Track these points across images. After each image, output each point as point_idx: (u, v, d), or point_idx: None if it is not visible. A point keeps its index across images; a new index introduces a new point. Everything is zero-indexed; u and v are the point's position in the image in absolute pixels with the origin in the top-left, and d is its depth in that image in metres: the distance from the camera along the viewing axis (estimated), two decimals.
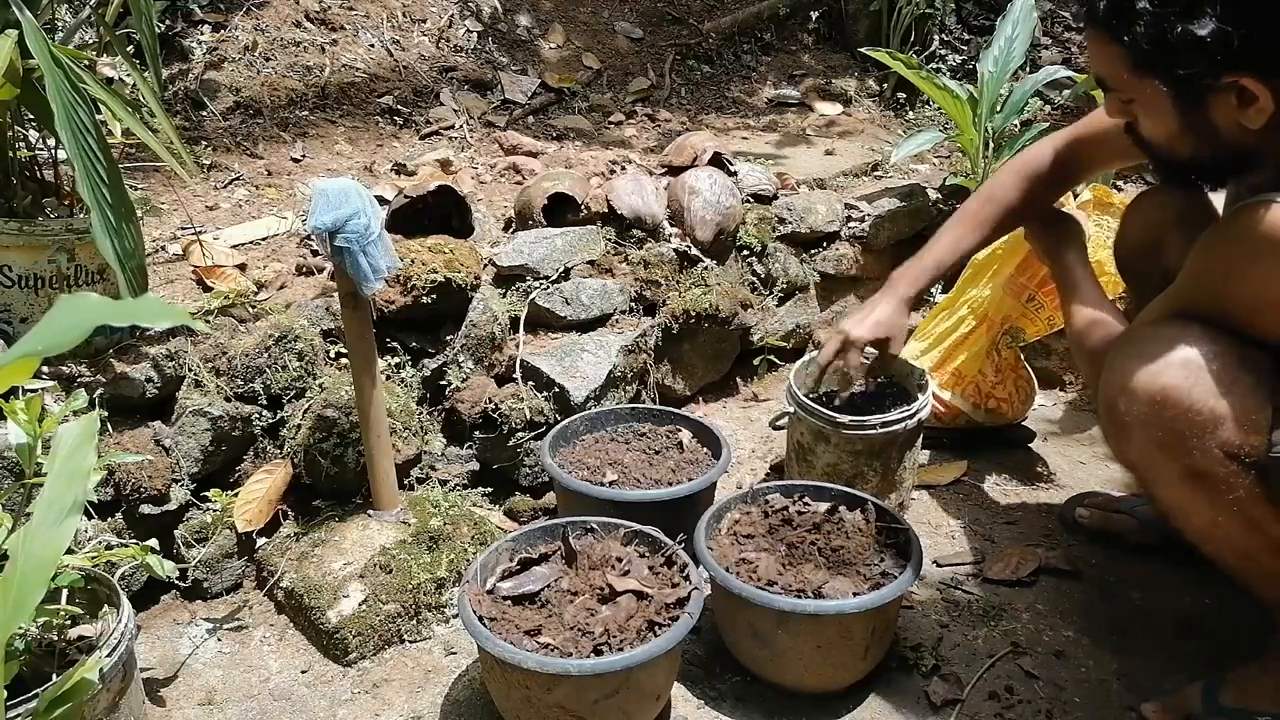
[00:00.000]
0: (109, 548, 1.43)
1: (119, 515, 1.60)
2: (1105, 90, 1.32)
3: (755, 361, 2.45)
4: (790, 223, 2.43)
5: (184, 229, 2.05)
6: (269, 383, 1.74)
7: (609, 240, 2.16)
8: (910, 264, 1.79)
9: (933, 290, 2.59)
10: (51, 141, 1.57)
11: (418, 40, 3.07)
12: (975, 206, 1.77)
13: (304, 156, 2.52)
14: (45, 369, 1.50)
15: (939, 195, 2.64)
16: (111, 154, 1.42)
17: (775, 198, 2.44)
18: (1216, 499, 1.23)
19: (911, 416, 1.82)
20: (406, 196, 1.93)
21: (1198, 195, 1.57)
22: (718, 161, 2.32)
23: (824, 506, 1.65)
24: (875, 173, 2.79)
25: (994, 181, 1.77)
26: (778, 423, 1.91)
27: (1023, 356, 2.17)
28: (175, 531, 1.66)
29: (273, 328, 1.75)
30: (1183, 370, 1.21)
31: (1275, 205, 1.16)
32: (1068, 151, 1.71)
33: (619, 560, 1.50)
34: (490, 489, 1.94)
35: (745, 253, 2.35)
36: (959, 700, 1.50)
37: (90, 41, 2.18)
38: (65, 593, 1.29)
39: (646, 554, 1.53)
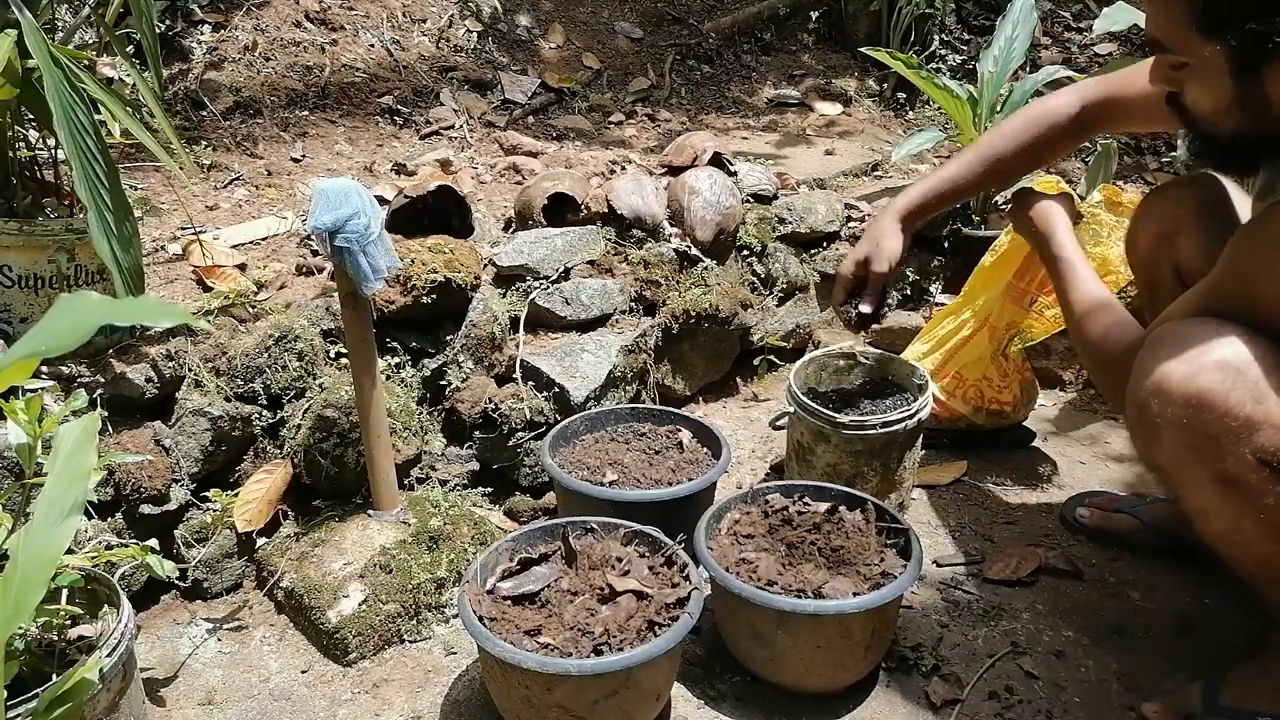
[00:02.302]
0: (109, 548, 1.43)
1: (119, 515, 1.59)
2: (1157, 53, 1.27)
3: (755, 361, 2.45)
4: (790, 223, 2.43)
5: (184, 229, 2.05)
6: (269, 383, 1.74)
7: (609, 240, 2.16)
8: (910, 187, 1.79)
9: (934, 291, 2.60)
10: (51, 141, 1.57)
11: (418, 40, 3.07)
12: (986, 141, 1.75)
13: (304, 156, 2.52)
14: (45, 369, 1.50)
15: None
16: (110, 154, 1.42)
17: (775, 198, 2.44)
18: (1244, 506, 1.20)
19: (911, 416, 1.82)
20: (406, 196, 1.93)
21: (1213, 192, 1.55)
22: (718, 161, 2.32)
23: (824, 506, 1.65)
24: (875, 173, 2.79)
25: (1011, 121, 1.74)
26: (778, 423, 1.91)
27: (1027, 359, 2.17)
28: (175, 531, 1.66)
29: (273, 328, 1.75)
30: (1220, 373, 1.17)
31: None
32: (1096, 109, 1.67)
33: (619, 560, 1.50)
34: (490, 489, 1.94)
35: (745, 253, 2.35)
36: (959, 700, 1.49)
37: (90, 41, 2.18)
38: (65, 593, 1.28)
39: (646, 554, 1.53)
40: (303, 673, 1.57)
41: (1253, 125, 1.22)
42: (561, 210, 2.15)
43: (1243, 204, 1.51)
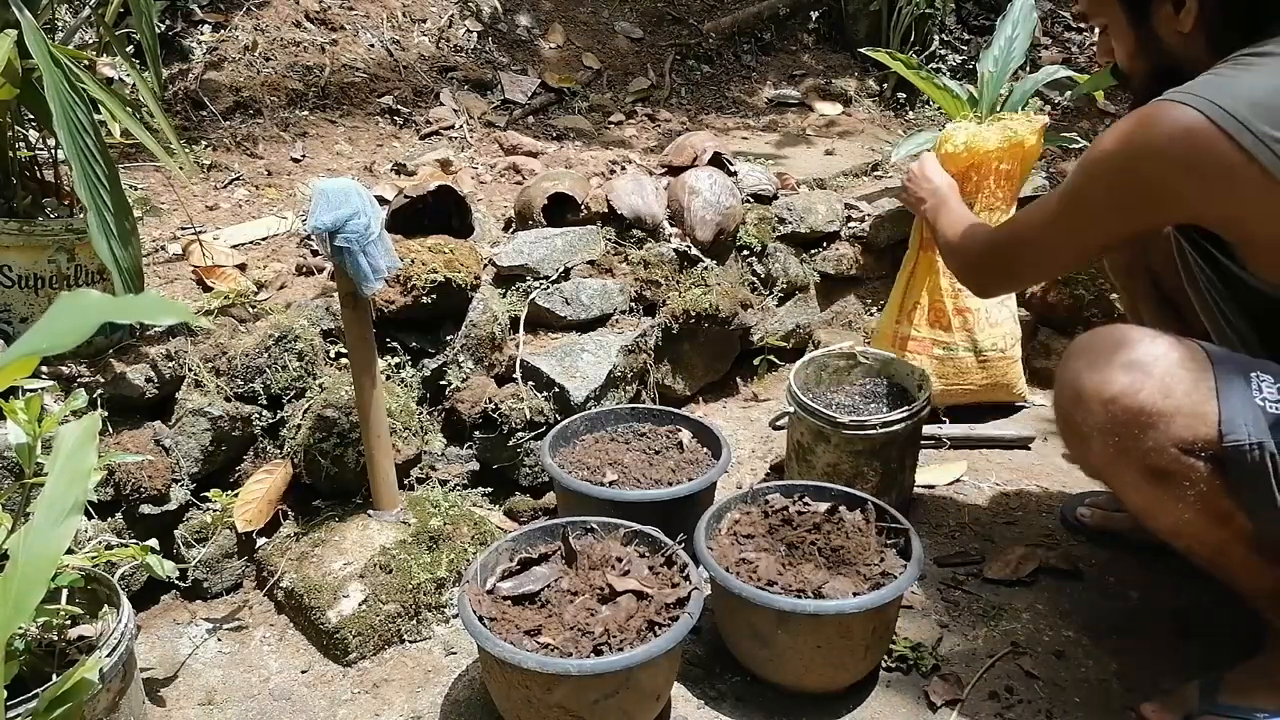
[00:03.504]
0: (109, 548, 1.43)
1: (119, 515, 1.59)
2: (1088, 23, 1.50)
3: (755, 361, 2.45)
4: (790, 223, 2.43)
5: (184, 229, 2.05)
6: (269, 383, 1.74)
7: (609, 240, 2.16)
8: None
9: None
10: (51, 141, 1.57)
11: (418, 40, 3.07)
12: None
13: (304, 156, 2.52)
14: (45, 369, 1.50)
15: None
16: (110, 154, 1.42)
17: (775, 198, 2.44)
18: (1179, 495, 1.26)
19: (911, 416, 1.82)
20: (406, 196, 1.93)
21: None
22: (718, 161, 2.32)
23: (824, 506, 1.65)
24: (875, 173, 2.79)
25: None
26: (778, 423, 1.91)
27: None
28: (175, 531, 1.66)
29: (273, 328, 1.75)
30: (1128, 374, 1.25)
31: (1158, 103, 1.24)
32: None
33: (619, 560, 1.50)
34: (490, 489, 1.94)
35: (745, 253, 2.35)
36: (959, 700, 1.50)
37: (90, 41, 2.18)
38: (65, 593, 1.28)
39: (646, 554, 1.53)
40: (303, 673, 1.57)
41: (1157, 65, 1.38)
42: (561, 210, 2.15)
43: None
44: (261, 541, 1.76)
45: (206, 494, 1.66)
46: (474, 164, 2.59)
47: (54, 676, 1.19)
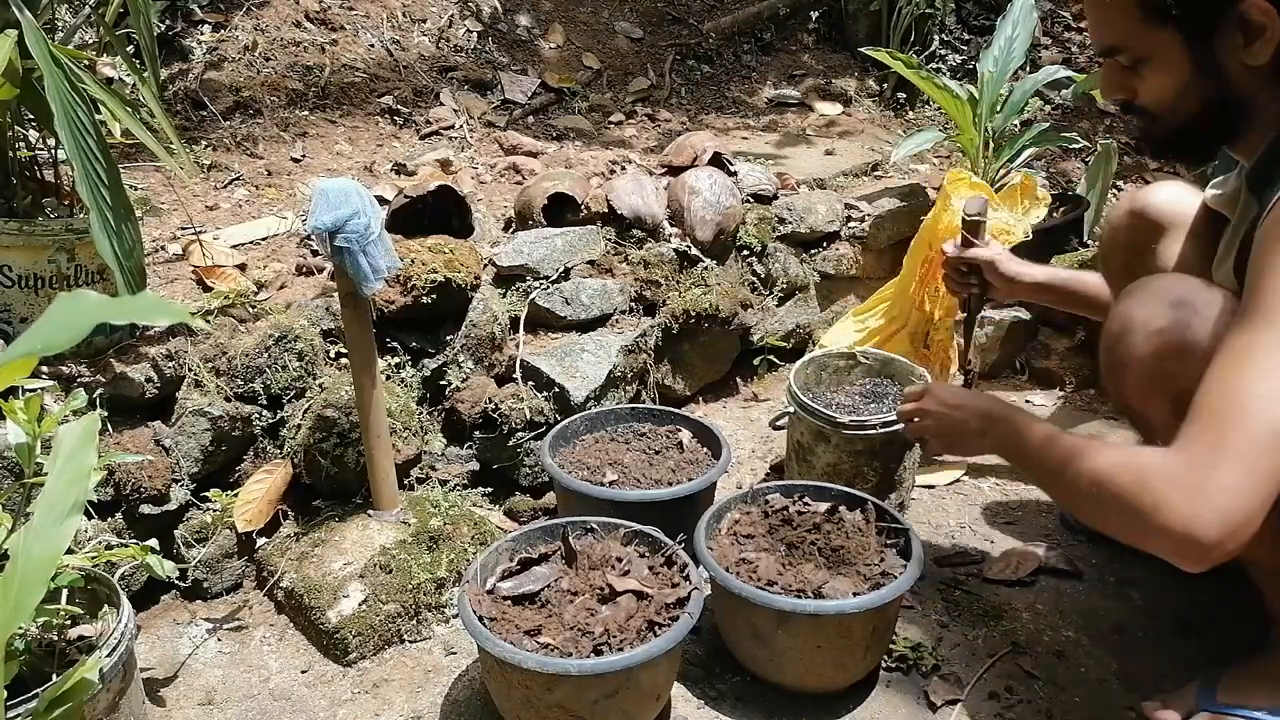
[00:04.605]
0: (109, 548, 1.43)
1: (119, 515, 1.59)
2: (1111, 58, 1.31)
3: (755, 361, 2.45)
4: (790, 223, 2.43)
5: (184, 229, 2.05)
6: (269, 383, 1.74)
7: (609, 240, 2.16)
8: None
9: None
10: (51, 141, 1.57)
11: (418, 40, 3.07)
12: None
13: (304, 156, 2.52)
14: (45, 369, 1.50)
15: (939, 195, 2.63)
16: (111, 154, 1.42)
17: (775, 198, 2.44)
18: None
19: None
20: (406, 196, 1.93)
21: (1183, 201, 1.59)
22: (718, 161, 2.32)
23: (824, 506, 1.65)
24: (875, 173, 2.79)
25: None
26: (778, 423, 1.91)
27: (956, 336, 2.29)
28: (175, 531, 1.66)
29: (273, 328, 1.75)
30: (1177, 311, 1.29)
31: None
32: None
33: (619, 560, 1.50)
34: (490, 489, 1.94)
35: (745, 253, 2.35)
36: (959, 700, 1.49)
37: (90, 41, 2.18)
38: (65, 593, 1.28)
39: (646, 554, 1.53)
40: (303, 673, 1.57)
41: (1216, 95, 1.27)
42: (561, 210, 2.15)
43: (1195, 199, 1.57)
44: (261, 541, 1.76)
45: (206, 494, 1.66)
46: (474, 164, 2.59)
47: (54, 676, 1.19)
